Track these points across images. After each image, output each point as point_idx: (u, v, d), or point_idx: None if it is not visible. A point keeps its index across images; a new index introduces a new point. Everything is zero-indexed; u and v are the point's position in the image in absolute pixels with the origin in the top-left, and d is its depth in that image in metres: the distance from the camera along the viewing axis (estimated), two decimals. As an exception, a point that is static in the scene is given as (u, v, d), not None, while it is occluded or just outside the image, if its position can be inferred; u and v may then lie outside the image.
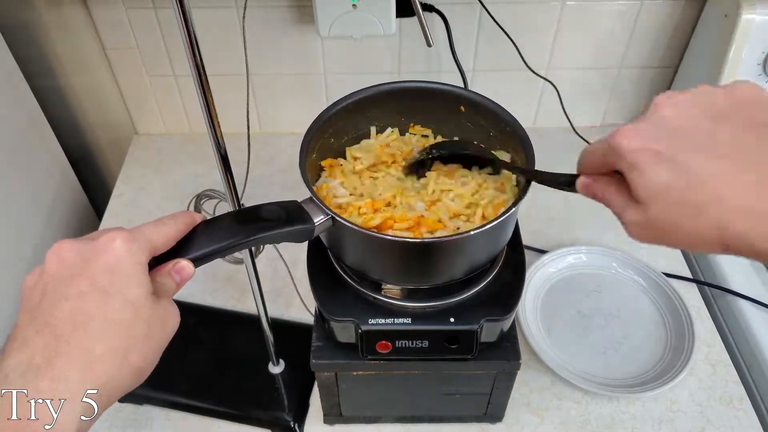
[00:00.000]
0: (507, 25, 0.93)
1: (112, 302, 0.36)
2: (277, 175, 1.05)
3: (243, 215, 0.48)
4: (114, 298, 0.36)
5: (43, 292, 0.37)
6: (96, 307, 0.36)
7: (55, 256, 0.38)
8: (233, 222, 0.46)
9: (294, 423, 0.74)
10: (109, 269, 0.37)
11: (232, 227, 0.45)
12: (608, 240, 0.94)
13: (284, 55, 1.00)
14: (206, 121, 0.50)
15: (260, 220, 0.47)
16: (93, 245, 0.38)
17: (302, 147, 0.56)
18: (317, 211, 0.50)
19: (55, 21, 0.96)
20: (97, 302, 0.36)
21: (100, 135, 1.14)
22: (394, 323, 0.58)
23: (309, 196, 0.52)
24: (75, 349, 0.34)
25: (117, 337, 0.36)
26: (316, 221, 0.50)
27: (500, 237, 0.57)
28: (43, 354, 0.34)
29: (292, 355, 0.78)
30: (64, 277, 0.37)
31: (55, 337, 0.35)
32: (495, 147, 0.63)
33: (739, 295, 0.83)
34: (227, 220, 0.46)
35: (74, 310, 0.35)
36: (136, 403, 0.76)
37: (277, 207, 0.49)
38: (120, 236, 0.38)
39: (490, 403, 0.70)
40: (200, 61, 0.46)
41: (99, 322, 0.35)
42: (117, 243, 0.37)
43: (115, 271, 0.37)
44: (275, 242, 0.48)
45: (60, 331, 0.35)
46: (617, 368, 0.78)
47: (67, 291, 0.36)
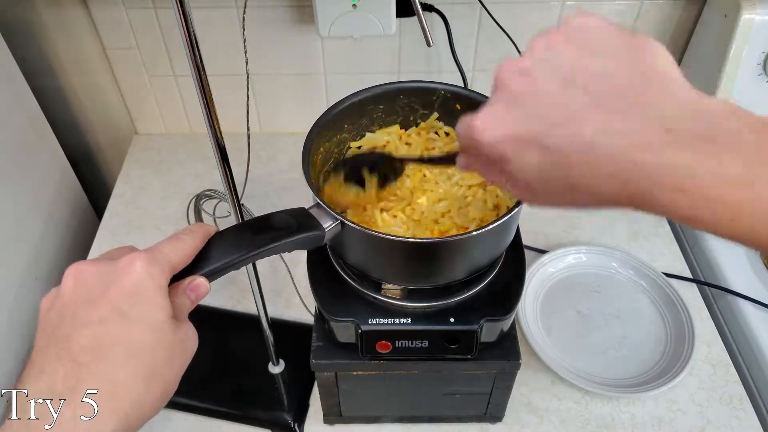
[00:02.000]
0: (507, 25, 0.93)
1: (134, 328, 0.35)
2: (276, 175, 1.05)
3: (254, 226, 0.46)
4: (136, 323, 0.35)
5: (61, 315, 0.35)
6: (118, 334, 0.34)
7: (72, 278, 0.37)
8: (245, 233, 0.45)
9: (294, 423, 0.74)
10: (130, 294, 0.35)
11: (244, 239, 0.44)
12: (608, 240, 0.94)
13: (284, 55, 1.00)
14: (206, 121, 0.50)
15: (271, 229, 0.46)
16: (113, 268, 0.36)
17: (304, 151, 0.56)
18: (325, 216, 0.50)
19: (55, 21, 0.96)
20: (119, 328, 0.35)
21: (100, 135, 1.14)
22: (394, 323, 0.58)
23: (316, 202, 0.51)
24: (99, 378, 0.33)
25: (140, 364, 0.35)
26: (325, 227, 0.49)
27: (504, 237, 0.57)
28: (66, 382, 0.33)
29: (292, 355, 0.78)
30: (83, 300, 0.36)
31: (76, 365, 0.33)
32: None
33: (739, 295, 0.83)
34: (238, 231, 0.45)
35: (96, 336, 0.34)
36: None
37: (287, 215, 0.48)
38: (140, 258, 0.36)
39: (490, 403, 0.70)
40: (200, 61, 0.46)
41: (122, 349, 0.34)
42: (137, 266, 0.36)
43: (137, 295, 0.36)
44: (286, 251, 0.47)
45: (82, 359, 0.33)
46: (617, 368, 0.78)
47: (88, 316, 0.35)
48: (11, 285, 0.85)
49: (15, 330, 0.85)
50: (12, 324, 0.84)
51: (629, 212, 0.73)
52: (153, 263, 0.37)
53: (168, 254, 0.39)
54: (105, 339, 0.34)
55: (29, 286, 0.89)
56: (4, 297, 0.83)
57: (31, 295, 0.89)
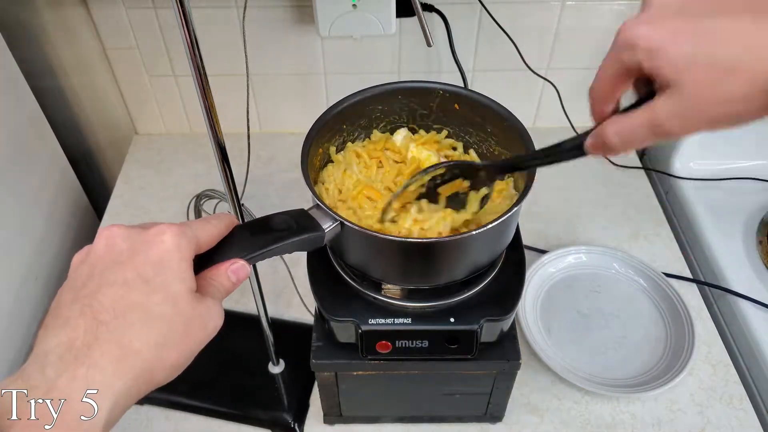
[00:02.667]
0: (507, 25, 0.93)
1: (153, 296, 0.36)
2: (277, 175, 1.05)
3: (255, 227, 0.46)
4: (156, 291, 0.36)
5: (90, 273, 0.37)
6: (138, 298, 0.36)
7: (104, 239, 0.38)
8: (246, 235, 0.45)
9: (294, 423, 0.74)
10: (155, 262, 0.37)
11: (245, 240, 0.44)
12: (608, 240, 0.94)
13: (284, 55, 1.00)
14: (206, 121, 0.50)
15: (272, 231, 0.46)
16: (143, 236, 0.38)
17: (303, 152, 0.56)
18: (325, 217, 0.50)
19: (55, 21, 0.96)
20: (140, 293, 0.36)
21: (100, 135, 1.14)
22: (394, 323, 0.58)
23: (315, 203, 0.51)
24: (114, 338, 0.34)
25: (155, 330, 0.36)
26: (325, 228, 0.49)
27: (503, 236, 0.57)
28: (84, 339, 0.34)
29: (292, 355, 0.78)
30: (111, 260, 0.37)
31: (97, 322, 0.34)
32: (492, 146, 0.63)
33: (739, 295, 0.83)
34: (240, 233, 0.45)
35: (117, 297, 0.35)
36: (137, 403, 0.76)
37: (286, 216, 0.48)
38: (170, 230, 0.38)
39: (490, 403, 0.70)
40: (200, 61, 0.46)
41: (139, 314, 0.35)
42: (167, 236, 0.38)
43: (161, 264, 0.37)
44: (287, 252, 0.47)
45: (102, 317, 0.35)
46: (617, 368, 0.78)
47: (113, 276, 0.36)
48: (11, 285, 0.85)
49: (15, 330, 0.85)
50: (12, 324, 0.84)
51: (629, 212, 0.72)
52: (181, 236, 0.38)
53: (196, 231, 0.40)
54: (125, 301, 0.35)
55: (29, 286, 0.89)
56: (4, 297, 0.83)
57: (31, 295, 0.89)
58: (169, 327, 0.36)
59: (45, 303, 0.92)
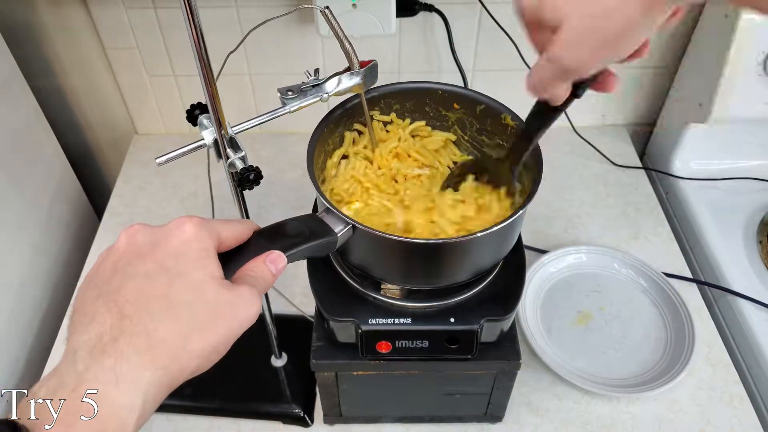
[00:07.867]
0: (507, 25, 0.93)
1: (175, 284, 0.36)
2: (277, 175, 1.05)
3: (270, 234, 0.46)
4: (177, 279, 0.37)
5: (114, 269, 0.37)
6: (160, 288, 0.36)
7: (126, 236, 0.39)
8: (262, 242, 0.45)
9: (303, 413, 0.74)
10: (175, 251, 0.37)
11: (261, 247, 0.44)
12: (608, 240, 0.94)
13: (284, 55, 1.00)
14: (212, 117, 0.50)
15: (287, 237, 0.46)
16: (163, 229, 0.39)
17: (309, 153, 0.56)
18: (337, 221, 0.50)
19: (55, 21, 0.96)
20: (161, 283, 0.36)
21: (100, 135, 1.14)
22: (394, 323, 0.58)
23: (325, 207, 0.51)
24: (139, 329, 0.34)
25: (178, 319, 0.36)
26: (337, 232, 0.49)
27: (508, 238, 0.57)
28: (111, 332, 0.34)
29: (294, 347, 0.78)
30: (133, 255, 0.38)
31: (122, 316, 0.35)
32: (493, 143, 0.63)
33: (739, 295, 0.83)
34: (255, 239, 0.45)
35: (140, 289, 0.36)
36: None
37: (298, 222, 0.48)
38: (190, 221, 0.39)
39: (490, 403, 0.70)
40: (206, 58, 0.46)
41: (162, 303, 0.36)
42: (186, 227, 0.38)
43: (181, 253, 0.38)
44: (301, 258, 0.47)
45: (127, 310, 0.35)
46: (617, 368, 0.78)
47: (135, 270, 0.37)
48: (11, 285, 0.85)
49: (15, 330, 0.85)
50: (12, 324, 0.84)
51: (629, 212, 0.72)
52: (201, 227, 0.39)
53: (217, 226, 0.41)
54: (148, 292, 0.36)
55: (29, 286, 0.89)
56: (4, 297, 0.83)
57: (31, 295, 0.89)
58: (191, 314, 0.36)
59: (45, 303, 0.92)
